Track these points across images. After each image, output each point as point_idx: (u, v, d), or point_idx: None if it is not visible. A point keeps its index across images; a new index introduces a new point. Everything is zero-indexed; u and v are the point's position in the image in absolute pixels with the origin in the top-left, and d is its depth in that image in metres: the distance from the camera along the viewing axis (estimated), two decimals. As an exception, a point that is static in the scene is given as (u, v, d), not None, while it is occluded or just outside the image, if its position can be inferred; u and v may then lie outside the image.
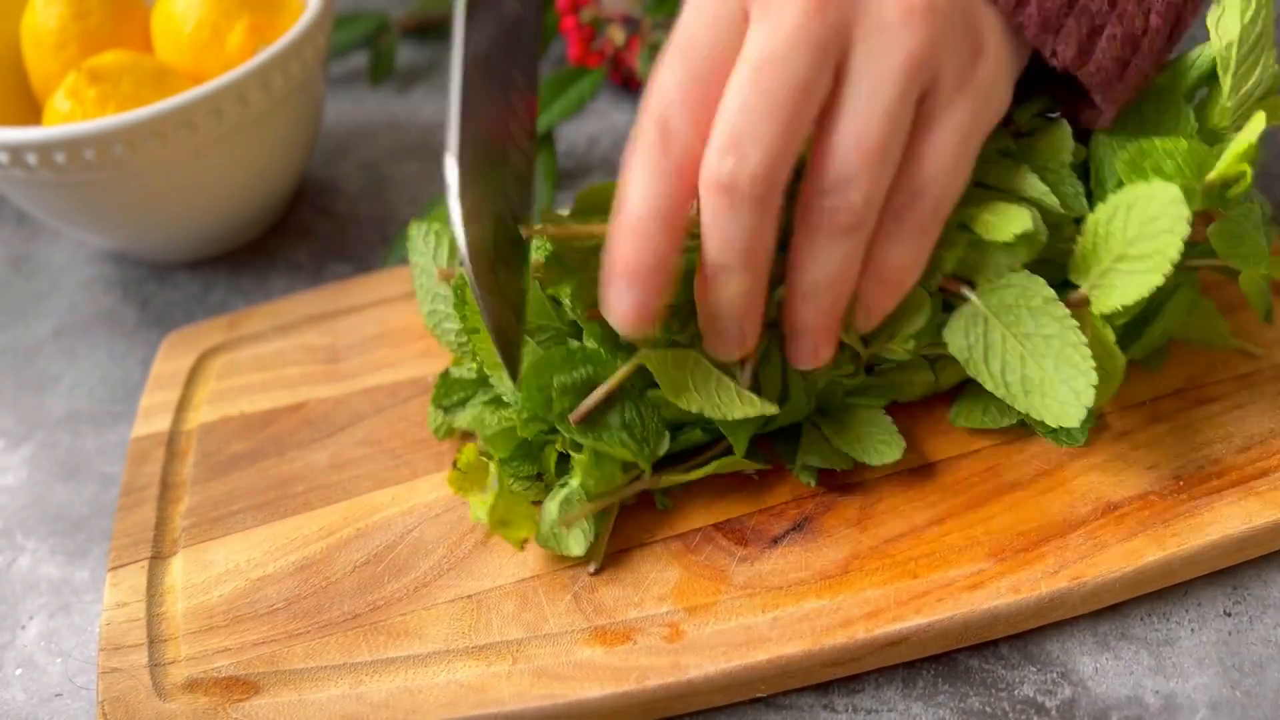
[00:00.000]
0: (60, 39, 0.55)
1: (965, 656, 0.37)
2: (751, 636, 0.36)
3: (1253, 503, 0.38)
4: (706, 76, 0.34)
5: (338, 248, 0.60)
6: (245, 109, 0.51)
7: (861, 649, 0.35)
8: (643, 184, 0.34)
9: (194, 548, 0.42)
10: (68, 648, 0.42)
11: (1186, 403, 0.41)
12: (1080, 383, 0.35)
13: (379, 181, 0.65)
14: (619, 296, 0.35)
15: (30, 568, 0.45)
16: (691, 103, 0.34)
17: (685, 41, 0.35)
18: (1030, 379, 0.36)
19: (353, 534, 0.41)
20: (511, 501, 0.38)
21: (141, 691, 0.37)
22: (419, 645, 0.37)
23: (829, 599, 0.37)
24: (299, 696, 0.36)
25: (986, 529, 0.38)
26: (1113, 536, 0.37)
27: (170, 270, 0.60)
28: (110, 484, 0.48)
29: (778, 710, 0.37)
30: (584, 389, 0.38)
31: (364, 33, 0.72)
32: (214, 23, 0.55)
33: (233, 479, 0.45)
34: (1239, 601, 0.38)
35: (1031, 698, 0.36)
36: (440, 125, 0.69)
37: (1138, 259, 0.35)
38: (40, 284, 0.61)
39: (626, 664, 0.36)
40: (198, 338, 0.52)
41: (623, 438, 0.38)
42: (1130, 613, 0.38)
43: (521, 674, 0.36)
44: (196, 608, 0.40)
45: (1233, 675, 0.36)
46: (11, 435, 0.51)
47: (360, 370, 0.49)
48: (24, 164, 0.49)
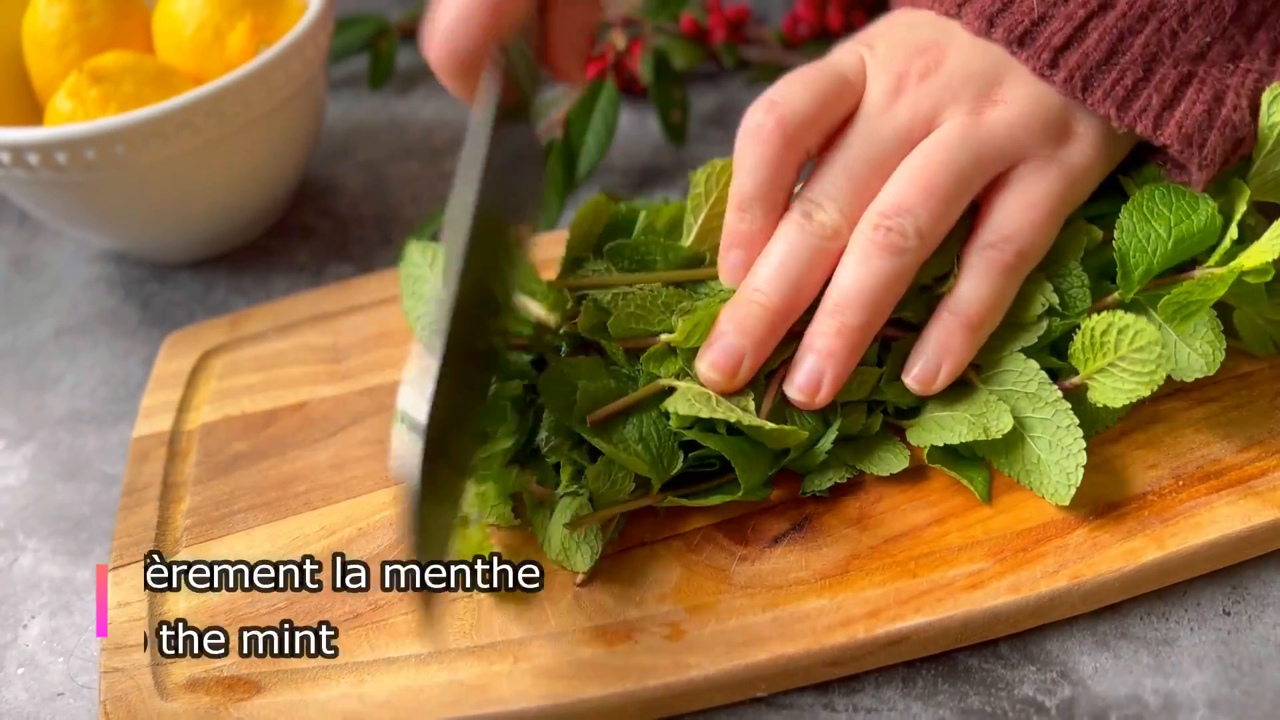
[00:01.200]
0: (62, 39, 0.55)
1: (965, 656, 0.37)
2: (752, 636, 0.36)
3: (1252, 502, 0.38)
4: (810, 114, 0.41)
5: (339, 248, 0.60)
6: (247, 109, 0.51)
7: (861, 648, 0.36)
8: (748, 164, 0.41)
9: (196, 547, 0.42)
10: (69, 647, 0.42)
11: (1186, 402, 0.42)
12: (1070, 464, 0.37)
13: (380, 181, 0.65)
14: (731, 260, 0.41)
15: (32, 567, 0.45)
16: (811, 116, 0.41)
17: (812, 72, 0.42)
18: (1029, 459, 0.38)
19: (354, 534, 0.42)
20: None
21: (143, 691, 0.37)
22: (421, 644, 0.37)
23: (829, 598, 0.37)
24: (300, 696, 0.36)
25: (986, 529, 0.38)
26: (1112, 536, 0.37)
27: (172, 270, 0.60)
28: (111, 484, 0.48)
29: (778, 710, 0.37)
30: (605, 399, 0.40)
31: (364, 36, 0.72)
32: (215, 23, 0.55)
33: (234, 479, 0.45)
34: (1238, 601, 0.38)
35: (1031, 697, 0.36)
36: (440, 125, 0.69)
37: (1128, 371, 0.37)
38: (42, 284, 0.61)
39: (627, 663, 0.36)
40: (199, 338, 0.52)
41: (638, 450, 0.38)
42: (1130, 612, 0.38)
43: (523, 673, 0.36)
44: (198, 607, 0.40)
45: (1232, 674, 0.36)
46: (13, 435, 0.51)
47: (362, 370, 0.49)
48: (26, 164, 0.50)
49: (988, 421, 0.38)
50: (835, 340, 0.39)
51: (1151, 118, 0.40)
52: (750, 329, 0.39)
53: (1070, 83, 0.40)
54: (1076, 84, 0.40)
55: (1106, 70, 0.40)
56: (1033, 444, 0.38)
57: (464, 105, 0.70)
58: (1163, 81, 0.40)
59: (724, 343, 0.39)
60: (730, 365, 0.39)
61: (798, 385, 0.39)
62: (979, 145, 0.39)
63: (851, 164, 0.40)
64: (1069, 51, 0.40)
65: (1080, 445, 0.37)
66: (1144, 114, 0.40)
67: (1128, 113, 0.40)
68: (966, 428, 0.39)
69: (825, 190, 0.40)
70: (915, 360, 0.40)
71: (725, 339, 0.39)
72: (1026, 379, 0.39)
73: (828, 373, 0.39)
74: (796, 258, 0.40)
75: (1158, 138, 0.40)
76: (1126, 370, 0.37)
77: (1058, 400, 0.38)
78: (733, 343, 0.39)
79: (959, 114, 0.40)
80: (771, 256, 0.40)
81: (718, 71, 0.70)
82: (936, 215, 0.39)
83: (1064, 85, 0.40)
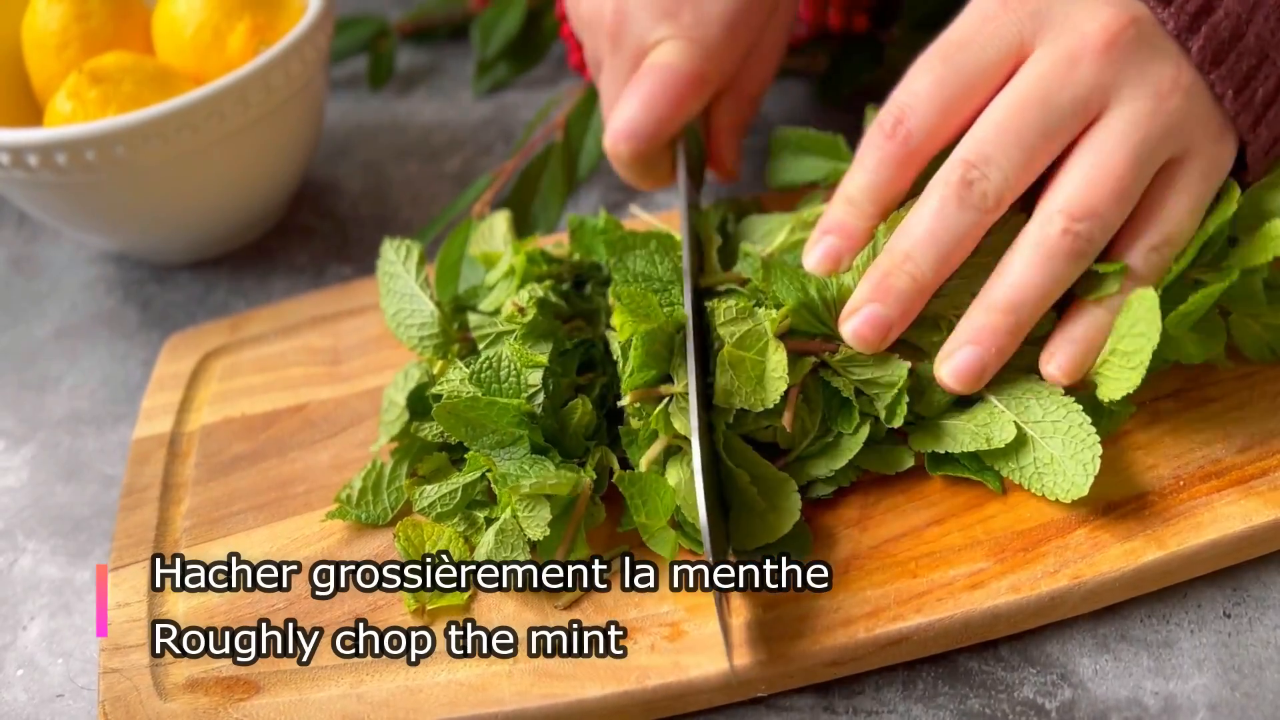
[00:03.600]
0: (62, 40, 0.55)
1: (965, 658, 0.37)
2: (752, 636, 0.36)
3: (1252, 502, 0.38)
4: (963, 90, 0.39)
5: (339, 249, 0.60)
6: (246, 110, 0.52)
7: (861, 649, 0.36)
8: (868, 165, 0.40)
9: (195, 548, 0.42)
10: (69, 648, 0.42)
11: (1186, 403, 0.42)
12: (1086, 455, 0.37)
13: (380, 182, 0.65)
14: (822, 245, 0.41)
15: (31, 568, 0.45)
16: (937, 108, 0.39)
17: (952, 52, 0.40)
18: (1042, 460, 0.38)
19: (354, 534, 0.42)
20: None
21: (143, 692, 0.37)
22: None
23: (829, 598, 0.37)
24: (299, 696, 0.36)
25: (986, 529, 0.38)
26: (1112, 536, 0.37)
27: (171, 271, 0.60)
28: (111, 485, 0.48)
29: (778, 711, 0.37)
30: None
31: (364, 37, 0.72)
32: (215, 24, 0.55)
33: (234, 480, 0.45)
34: (1239, 603, 0.38)
35: (1031, 699, 0.36)
36: (440, 126, 0.69)
37: (1123, 356, 0.37)
38: (41, 285, 0.61)
39: (627, 663, 0.36)
40: (199, 339, 0.52)
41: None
42: (1130, 614, 0.38)
43: (522, 673, 0.36)
44: (197, 608, 0.40)
45: (1232, 677, 0.36)
46: (12, 436, 0.51)
47: (362, 371, 0.49)
48: (25, 165, 0.50)
49: (990, 432, 0.38)
50: (1006, 339, 0.38)
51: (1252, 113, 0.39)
52: (898, 300, 0.38)
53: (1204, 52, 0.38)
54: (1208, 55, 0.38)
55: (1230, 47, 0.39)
56: (1044, 445, 0.38)
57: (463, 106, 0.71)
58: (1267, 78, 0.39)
59: (872, 312, 0.39)
60: (878, 336, 0.39)
61: (955, 372, 0.38)
62: (1162, 137, 0.38)
63: (1024, 132, 0.38)
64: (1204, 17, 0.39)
65: (1095, 437, 0.37)
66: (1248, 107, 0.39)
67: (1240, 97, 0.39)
68: (969, 437, 0.39)
69: (991, 157, 0.38)
70: (1060, 350, 0.39)
71: (874, 309, 0.39)
72: (1036, 385, 0.39)
73: (989, 367, 0.38)
74: (951, 230, 0.38)
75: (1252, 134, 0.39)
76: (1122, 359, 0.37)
77: (1067, 402, 0.38)
78: (880, 313, 0.38)
79: (1143, 97, 0.38)
80: (924, 224, 0.38)
81: (718, 72, 0.70)
82: (1117, 218, 0.38)
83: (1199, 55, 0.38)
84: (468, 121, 0.69)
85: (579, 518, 0.38)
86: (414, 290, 0.45)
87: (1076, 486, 0.37)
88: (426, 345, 0.45)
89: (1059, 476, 0.37)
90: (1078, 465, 0.37)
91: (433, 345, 0.44)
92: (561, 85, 0.70)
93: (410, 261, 0.45)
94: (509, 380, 0.40)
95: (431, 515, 0.40)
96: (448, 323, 0.45)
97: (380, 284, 0.46)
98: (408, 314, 0.45)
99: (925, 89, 0.40)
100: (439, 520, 0.40)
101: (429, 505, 0.40)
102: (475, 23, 0.71)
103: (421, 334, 0.45)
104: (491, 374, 0.40)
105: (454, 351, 0.45)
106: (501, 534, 0.38)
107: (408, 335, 0.45)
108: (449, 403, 0.39)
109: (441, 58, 0.75)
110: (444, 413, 0.39)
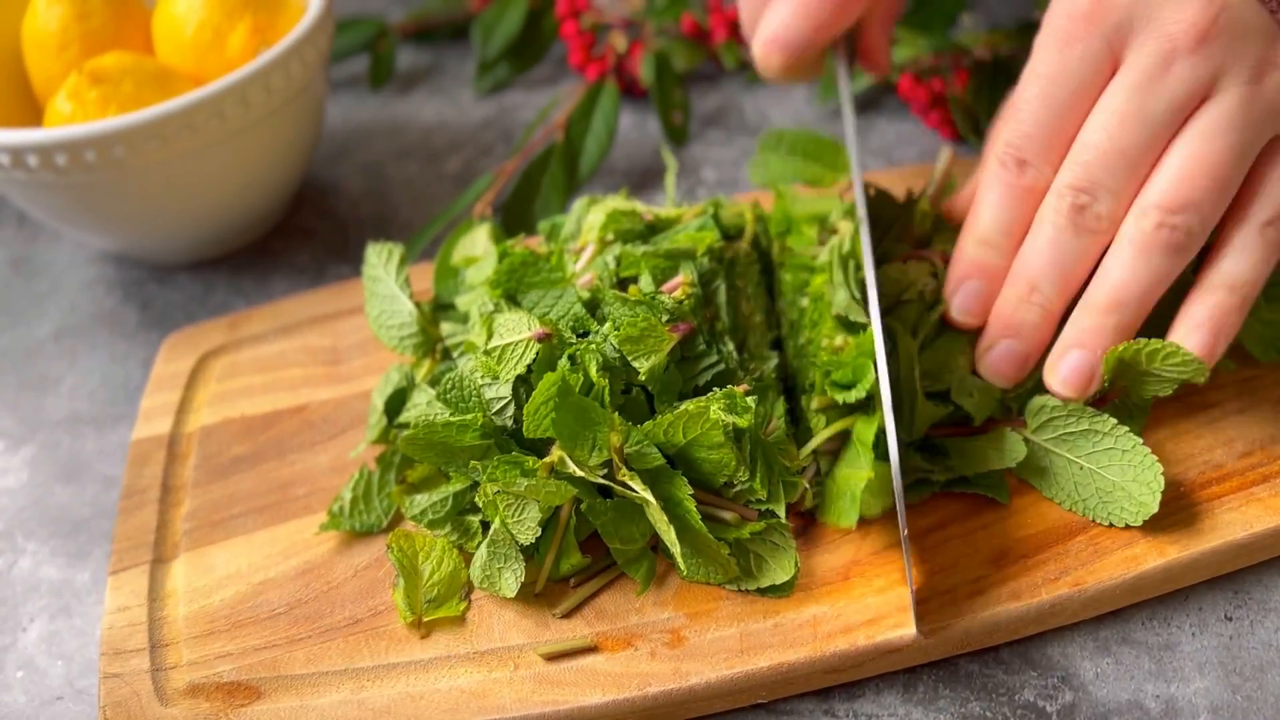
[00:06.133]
0: (61, 40, 0.55)
1: (966, 662, 0.37)
2: (753, 643, 0.36)
3: (1253, 508, 0.38)
4: (1064, 114, 0.39)
5: (339, 249, 0.60)
6: (247, 111, 0.51)
7: (862, 655, 0.35)
8: (995, 203, 0.40)
9: (195, 551, 0.42)
10: (69, 650, 0.42)
11: (1188, 407, 0.41)
12: (1149, 475, 0.37)
13: (380, 183, 0.65)
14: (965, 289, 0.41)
15: (31, 570, 0.45)
16: (1047, 138, 0.39)
17: (1047, 79, 0.39)
18: (1104, 490, 0.38)
19: (354, 537, 0.41)
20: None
21: (143, 697, 0.37)
22: (421, 651, 0.37)
23: (830, 605, 0.37)
24: (301, 702, 0.36)
25: (987, 535, 0.38)
26: (1113, 542, 0.37)
27: (171, 272, 0.60)
28: (111, 486, 0.48)
29: (778, 716, 0.37)
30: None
31: (364, 37, 0.72)
32: (215, 24, 0.55)
33: (234, 482, 0.45)
34: (1240, 606, 0.38)
35: (1032, 702, 0.36)
36: (440, 127, 0.69)
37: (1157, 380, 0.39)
38: (41, 285, 0.60)
39: (628, 670, 0.36)
40: (198, 339, 0.51)
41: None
42: (1131, 617, 0.38)
43: (523, 680, 0.36)
44: (198, 612, 0.40)
45: (1233, 680, 0.36)
46: (12, 437, 0.51)
47: (361, 372, 0.49)
48: (25, 165, 0.49)
49: (1002, 451, 0.39)
50: (1112, 337, 0.38)
51: None
52: (1031, 334, 0.39)
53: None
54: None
55: None
56: (1102, 474, 0.38)
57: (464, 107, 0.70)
58: None
59: (1008, 349, 0.39)
60: (1015, 371, 0.40)
61: (1066, 379, 0.38)
62: (1263, 120, 0.38)
63: (1127, 148, 0.38)
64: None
65: (1151, 456, 0.37)
66: None
67: None
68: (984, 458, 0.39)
69: (1098, 179, 0.38)
70: (1186, 333, 0.38)
71: (1009, 345, 0.39)
72: (1072, 419, 0.39)
73: (1098, 368, 0.38)
74: (1071, 256, 0.38)
75: None
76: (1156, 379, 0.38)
77: (1114, 427, 0.38)
78: (1017, 349, 0.39)
79: (1239, 82, 0.38)
80: (1043, 254, 0.39)
81: (718, 72, 0.70)
82: (1218, 207, 0.37)
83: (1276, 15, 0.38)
84: (468, 122, 0.69)
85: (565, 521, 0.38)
86: (394, 292, 0.46)
87: (1145, 508, 0.37)
88: (406, 345, 0.45)
89: (1125, 501, 0.37)
90: (1141, 486, 0.37)
91: (412, 345, 0.45)
92: (561, 85, 0.70)
93: (391, 264, 0.46)
94: (472, 397, 0.40)
95: (423, 523, 0.40)
96: (427, 322, 0.45)
97: (365, 287, 0.47)
98: (389, 315, 0.46)
99: (1033, 121, 0.40)
100: (431, 528, 0.40)
101: (420, 514, 0.40)
102: (475, 23, 0.71)
103: (402, 334, 0.45)
104: (456, 393, 0.40)
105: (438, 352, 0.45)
106: (493, 545, 0.38)
107: (389, 336, 0.46)
108: (411, 435, 0.39)
109: (442, 58, 0.75)
110: (411, 446, 0.39)
